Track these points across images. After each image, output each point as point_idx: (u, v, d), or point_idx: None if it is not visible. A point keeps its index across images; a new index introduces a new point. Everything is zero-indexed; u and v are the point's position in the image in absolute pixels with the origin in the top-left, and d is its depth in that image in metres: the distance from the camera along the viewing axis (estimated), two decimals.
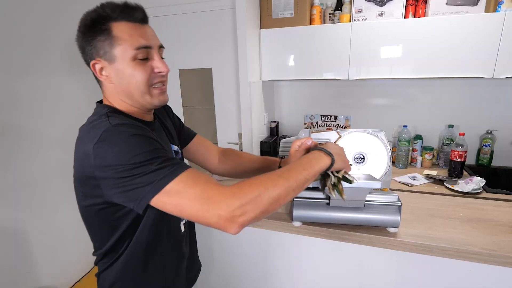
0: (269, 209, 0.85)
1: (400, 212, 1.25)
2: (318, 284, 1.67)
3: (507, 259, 1.14)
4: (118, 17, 0.94)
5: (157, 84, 1.02)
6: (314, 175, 0.98)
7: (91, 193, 0.91)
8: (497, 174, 2.56)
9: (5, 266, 2.21)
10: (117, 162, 0.81)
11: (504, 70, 2.15)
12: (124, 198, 0.85)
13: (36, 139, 2.35)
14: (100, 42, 0.93)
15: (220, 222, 0.80)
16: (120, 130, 0.86)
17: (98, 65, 0.96)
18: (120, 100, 1.01)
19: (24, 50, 2.22)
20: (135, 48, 0.94)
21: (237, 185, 0.84)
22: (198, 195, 0.81)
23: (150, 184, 0.81)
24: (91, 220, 1.02)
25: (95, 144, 0.83)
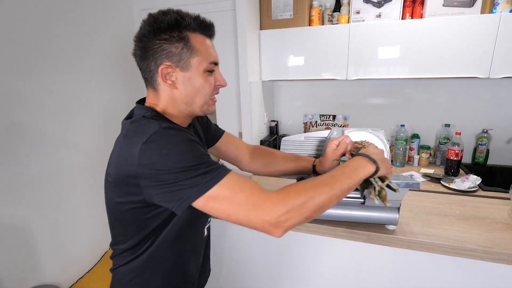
0: (312, 216, 0.86)
1: (399, 209, 1.25)
2: (317, 280, 1.68)
3: (502, 255, 1.15)
4: (196, 29, 0.98)
5: (215, 95, 1.08)
6: (357, 183, 0.96)
7: (128, 191, 0.91)
8: (493, 172, 2.57)
9: (9, 262, 2.22)
10: (164, 165, 0.82)
11: (499, 70, 2.16)
12: (165, 198, 0.85)
13: (40, 138, 2.35)
14: (175, 49, 0.94)
15: (266, 227, 0.81)
16: (170, 133, 0.86)
17: (166, 70, 0.95)
18: (172, 106, 1.01)
19: (28, 50, 2.22)
20: (209, 62, 1.00)
21: (283, 191, 0.85)
22: (244, 201, 0.82)
23: (195, 186, 0.81)
24: (120, 216, 1.01)
25: (143, 143, 0.83)
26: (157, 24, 0.93)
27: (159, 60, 0.95)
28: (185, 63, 0.96)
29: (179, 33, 0.94)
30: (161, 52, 0.94)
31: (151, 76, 0.98)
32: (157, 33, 0.93)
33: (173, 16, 0.94)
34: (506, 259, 1.15)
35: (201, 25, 0.99)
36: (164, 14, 0.94)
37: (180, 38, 0.94)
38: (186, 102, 1.01)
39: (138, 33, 0.97)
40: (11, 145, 2.17)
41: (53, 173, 2.48)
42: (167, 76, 0.96)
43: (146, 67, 0.98)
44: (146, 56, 0.96)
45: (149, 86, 1.02)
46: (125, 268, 1.06)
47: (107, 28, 2.86)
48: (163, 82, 0.97)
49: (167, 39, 0.93)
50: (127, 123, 0.95)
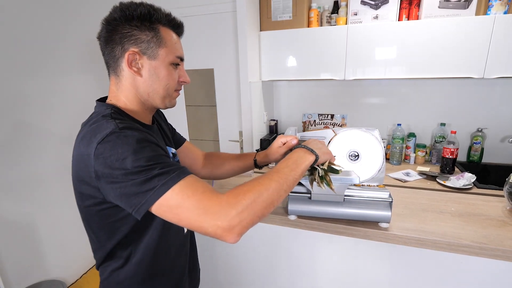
0: (264, 213, 0.84)
1: (391, 207, 1.25)
2: (314, 276, 1.68)
3: (496, 251, 1.15)
4: (166, 24, 0.99)
5: (178, 91, 1.07)
6: (301, 173, 0.98)
7: (90, 194, 0.88)
8: (487, 170, 2.56)
9: (15, 258, 2.22)
10: (120, 164, 0.79)
11: (494, 71, 2.15)
12: (123, 201, 0.82)
13: (45, 137, 2.35)
14: (145, 36, 0.93)
15: (218, 232, 0.77)
16: (126, 133, 0.83)
17: (133, 56, 0.94)
18: (133, 98, 0.99)
19: (35, 53, 2.22)
20: (176, 56, 1.00)
21: (231, 194, 0.82)
22: (195, 206, 0.78)
23: (150, 190, 0.78)
24: (90, 221, 0.98)
25: (98, 144, 0.80)
26: (130, 11, 0.92)
27: (127, 45, 0.93)
28: (153, 52, 0.95)
29: (150, 23, 0.94)
30: (129, 38, 0.93)
31: (115, 61, 0.96)
32: (128, 19, 0.92)
33: (146, 7, 0.94)
34: (501, 255, 1.14)
35: (171, 21, 1.00)
36: (137, 5, 0.94)
37: (151, 28, 0.94)
38: (148, 91, 0.99)
39: (108, 17, 0.94)
40: (18, 144, 2.17)
41: (58, 172, 2.48)
42: (133, 63, 0.94)
43: (111, 51, 0.95)
44: (113, 39, 0.94)
45: (112, 73, 1.00)
46: (111, 279, 1.03)
47: None
48: (128, 68, 0.95)
49: (138, 26, 0.93)
50: (86, 124, 0.93)
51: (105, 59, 1.00)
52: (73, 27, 2.49)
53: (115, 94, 1.00)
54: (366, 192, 1.29)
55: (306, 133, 1.37)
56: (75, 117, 2.57)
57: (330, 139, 1.32)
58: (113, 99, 1.00)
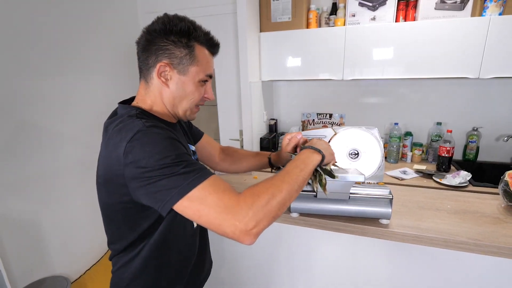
0: (278, 214, 0.84)
1: (391, 204, 1.25)
2: (313, 272, 1.68)
3: (491, 248, 1.15)
4: (203, 43, 1.01)
5: (199, 105, 1.10)
6: (310, 173, 0.99)
7: (118, 191, 0.90)
8: (483, 168, 2.57)
9: (20, 255, 2.22)
10: (147, 162, 0.80)
11: (489, 71, 2.16)
12: (150, 199, 0.83)
13: (48, 136, 2.35)
14: (179, 52, 0.96)
15: (236, 233, 0.77)
16: (153, 131, 0.85)
17: (164, 68, 0.96)
18: (159, 102, 1.02)
19: (35, 53, 2.21)
20: (206, 75, 1.03)
21: (247, 193, 0.82)
22: (216, 203, 0.79)
23: (176, 188, 0.79)
24: (113, 216, 1.00)
25: (128, 142, 0.82)
26: (170, 25, 0.94)
27: (161, 56, 0.95)
28: (184, 68, 0.98)
29: (188, 41, 0.96)
30: (164, 51, 0.95)
31: (147, 68, 0.99)
32: (167, 33, 0.94)
33: (187, 24, 0.96)
34: (496, 251, 1.15)
35: (209, 41, 1.03)
36: (179, 20, 0.96)
37: (186, 45, 0.96)
38: (172, 103, 1.02)
39: (150, 27, 0.97)
40: (21, 143, 2.17)
41: (60, 169, 2.48)
42: (163, 74, 0.97)
43: (145, 58, 0.98)
44: (149, 49, 0.96)
45: (142, 78, 1.03)
46: (124, 270, 1.05)
47: (112, 30, 2.85)
48: (157, 78, 0.97)
49: (175, 41, 0.95)
50: (111, 124, 0.93)
51: (138, 64, 1.02)
52: (74, 28, 2.49)
53: (143, 98, 1.03)
54: (366, 190, 1.29)
55: (309, 132, 1.37)
56: (79, 116, 2.58)
57: (330, 138, 1.33)
58: (139, 102, 1.03)
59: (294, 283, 1.76)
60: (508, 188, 1.38)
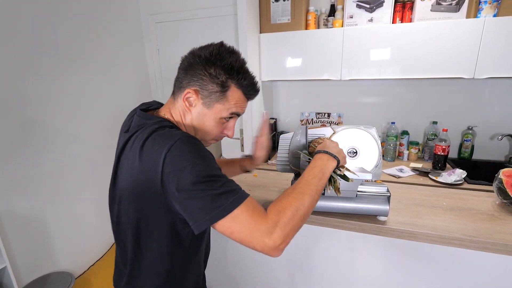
0: (301, 225, 0.85)
1: (389, 202, 1.26)
2: (313, 269, 1.68)
3: (486, 244, 1.15)
4: (241, 86, 0.96)
5: (217, 139, 1.06)
6: (326, 180, 0.98)
7: (152, 204, 0.87)
8: (477, 166, 2.57)
9: (26, 251, 2.23)
10: (190, 172, 0.78)
11: (483, 71, 2.16)
12: (186, 212, 0.80)
13: (53, 135, 2.35)
14: (211, 86, 0.92)
15: (265, 250, 0.78)
16: (195, 141, 0.84)
17: (191, 94, 0.93)
18: (181, 122, 0.98)
19: (42, 53, 2.22)
20: (231, 113, 0.97)
21: (272, 211, 0.82)
22: (248, 222, 0.78)
23: (216, 208, 0.77)
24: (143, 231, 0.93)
25: (169, 150, 0.79)
26: (216, 58, 0.91)
27: (192, 83, 0.92)
28: (210, 102, 0.94)
29: (225, 79, 0.92)
30: (198, 80, 0.92)
31: (179, 87, 0.96)
32: (209, 64, 0.91)
33: (233, 62, 0.92)
34: (490, 247, 1.15)
35: (248, 87, 0.98)
36: (229, 54, 0.93)
37: (221, 84, 0.92)
38: (189, 126, 0.98)
39: (197, 50, 0.94)
40: (27, 141, 2.18)
41: (65, 168, 2.48)
42: (188, 99, 0.94)
43: (182, 78, 0.95)
44: (187, 71, 0.93)
45: (173, 93, 1.00)
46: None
47: (116, 31, 2.85)
48: (182, 100, 0.95)
49: (212, 76, 0.91)
50: (141, 133, 0.88)
51: (176, 78, 0.99)
52: (80, 29, 2.49)
53: (169, 111, 0.99)
54: (365, 187, 1.30)
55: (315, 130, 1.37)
56: (85, 116, 2.58)
57: (330, 137, 1.33)
58: (167, 113, 0.99)
59: (293, 280, 1.76)
60: (502, 185, 1.38)
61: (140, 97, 3.15)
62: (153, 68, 3.29)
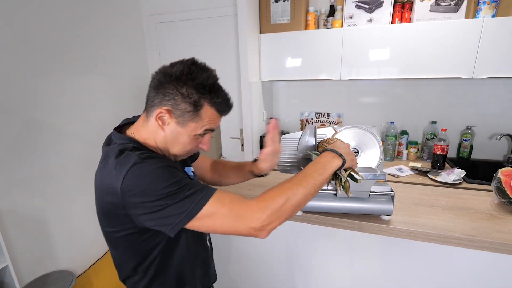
0: (292, 214, 0.87)
1: (393, 201, 1.26)
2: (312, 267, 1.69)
3: (484, 243, 1.15)
4: (214, 104, 0.94)
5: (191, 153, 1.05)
6: (328, 177, 0.97)
7: (118, 221, 0.89)
8: (476, 166, 2.57)
9: (27, 250, 2.23)
10: (149, 193, 0.79)
11: (482, 71, 2.16)
12: (156, 223, 0.82)
13: (56, 135, 2.35)
14: (184, 106, 0.89)
15: (252, 232, 0.82)
16: (150, 162, 0.83)
17: (164, 114, 0.91)
18: (152, 139, 0.96)
19: (45, 54, 2.22)
20: (205, 130, 0.95)
21: (261, 198, 0.85)
22: (227, 215, 0.81)
23: (183, 212, 0.80)
24: (116, 244, 0.99)
25: (125, 176, 0.80)
26: (187, 77, 0.89)
27: (164, 102, 0.90)
28: (183, 121, 0.92)
29: (198, 98, 0.90)
30: (170, 99, 0.89)
31: (151, 105, 0.93)
32: (180, 83, 0.89)
33: (208, 81, 0.91)
34: (489, 246, 1.15)
35: (221, 105, 0.95)
36: (201, 73, 0.91)
37: (194, 103, 0.90)
38: (164, 145, 0.97)
39: (167, 69, 0.92)
40: (29, 141, 2.18)
41: (67, 167, 2.48)
42: (161, 118, 0.92)
43: (152, 96, 0.92)
44: (158, 90, 0.91)
45: (145, 111, 0.97)
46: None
47: (117, 32, 2.85)
48: (154, 120, 0.92)
49: (184, 95, 0.89)
50: (108, 155, 0.89)
51: (147, 96, 0.96)
52: (81, 30, 2.49)
53: (139, 129, 0.98)
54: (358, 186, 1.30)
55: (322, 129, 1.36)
56: (86, 116, 2.58)
57: (332, 136, 1.33)
58: (135, 132, 0.98)
59: (293, 278, 1.76)
60: (501, 185, 1.38)
61: (141, 97, 3.14)
62: (154, 69, 3.22)
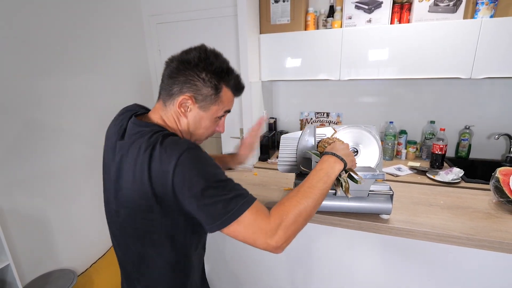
0: (303, 226, 0.89)
1: (392, 200, 1.26)
2: (312, 265, 1.69)
3: (483, 242, 1.16)
4: (231, 87, 1.00)
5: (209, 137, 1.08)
6: (331, 183, 0.98)
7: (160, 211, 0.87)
8: (474, 165, 2.58)
9: (28, 249, 2.23)
10: (202, 178, 0.80)
11: (480, 71, 2.16)
12: (202, 216, 0.83)
13: (57, 134, 2.35)
14: (206, 91, 0.94)
15: (268, 249, 0.83)
16: (199, 149, 0.86)
17: (186, 100, 0.94)
18: (174, 126, 0.98)
19: (46, 54, 2.21)
20: (224, 111, 1.02)
21: (276, 214, 0.85)
22: (251, 224, 0.82)
23: (229, 212, 0.81)
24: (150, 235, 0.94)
25: (178, 159, 0.80)
26: (206, 63, 0.92)
27: (185, 89, 0.93)
28: (206, 105, 0.96)
29: (217, 82, 0.94)
30: (191, 85, 0.93)
31: (170, 95, 0.95)
32: (200, 70, 0.92)
33: (221, 64, 0.95)
34: (487, 245, 1.16)
35: (237, 86, 1.02)
36: (215, 58, 0.95)
37: (214, 86, 0.94)
38: (186, 130, 1.00)
39: (183, 56, 0.94)
40: (30, 140, 2.18)
41: (68, 167, 2.48)
42: (183, 105, 0.95)
43: (170, 85, 0.94)
44: (176, 78, 0.93)
45: (162, 100, 0.99)
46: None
47: (118, 32, 2.85)
48: (177, 107, 0.95)
49: (205, 80, 0.93)
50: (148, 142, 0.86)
51: (161, 85, 0.99)
52: (82, 31, 2.48)
53: (160, 117, 0.99)
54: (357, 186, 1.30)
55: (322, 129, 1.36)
56: (85, 115, 2.58)
57: (331, 135, 1.33)
58: (159, 120, 0.99)
59: (293, 276, 1.76)
60: (499, 184, 1.39)
61: (142, 97, 3.15)
62: (155, 69, 3.29)
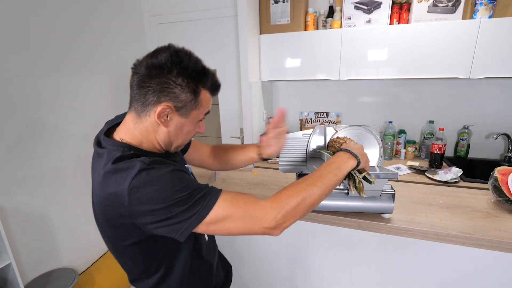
0: (305, 214, 0.88)
1: (393, 199, 1.26)
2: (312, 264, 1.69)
3: (481, 241, 1.16)
4: (208, 87, 0.94)
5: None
6: (342, 178, 0.97)
7: (125, 231, 0.85)
8: (473, 165, 2.58)
9: (30, 248, 2.23)
10: (158, 200, 0.77)
11: (479, 71, 2.16)
12: (165, 230, 0.80)
13: (57, 134, 2.35)
14: (185, 96, 0.87)
15: (266, 231, 0.83)
16: (156, 168, 0.80)
17: (165, 110, 0.86)
18: (151, 138, 0.93)
19: (47, 53, 2.22)
20: (205, 114, 0.97)
21: (275, 199, 0.85)
22: (242, 217, 0.81)
23: (193, 215, 0.79)
24: (124, 252, 0.95)
25: (130, 183, 0.76)
26: (181, 67, 0.85)
27: (163, 97, 0.85)
28: (186, 112, 0.90)
29: (195, 86, 0.88)
30: (168, 93, 0.85)
31: (144, 105, 0.88)
32: (176, 75, 0.85)
33: (198, 65, 0.89)
34: (486, 244, 1.16)
35: (213, 85, 0.96)
36: (188, 59, 0.87)
37: (193, 91, 0.87)
38: (166, 141, 0.94)
39: (153, 60, 0.86)
40: (31, 140, 2.18)
41: (69, 166, 2.48)
42: (162, 115, 0.87)
43: (143, 94, 0.87)
44: (149, 86, 0.85)
45: (133, 110, 0.91)
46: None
47: (119, 32, 2.85)
48: (156, 119, 0.87)
49: (182, 86, 0.85)
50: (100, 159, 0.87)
51: (131, 94, 0.91)
52: (83, 31, 2.48)
53: (131, 132, 0.93)
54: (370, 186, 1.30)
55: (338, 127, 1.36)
56: (86, 115, 2.58)
57: (332, 136, 1.33)
58: (127, 136, 0.93)
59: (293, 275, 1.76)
60: (497, 183, 1.39)
61: None
62: None
